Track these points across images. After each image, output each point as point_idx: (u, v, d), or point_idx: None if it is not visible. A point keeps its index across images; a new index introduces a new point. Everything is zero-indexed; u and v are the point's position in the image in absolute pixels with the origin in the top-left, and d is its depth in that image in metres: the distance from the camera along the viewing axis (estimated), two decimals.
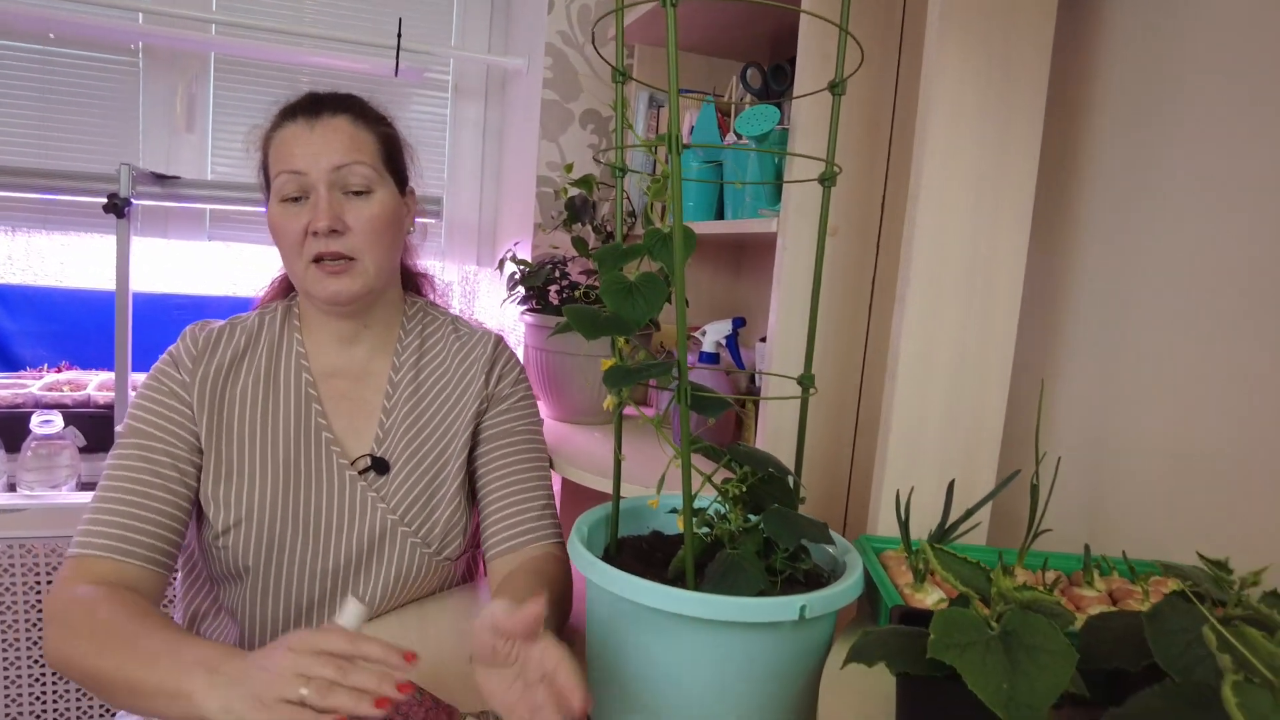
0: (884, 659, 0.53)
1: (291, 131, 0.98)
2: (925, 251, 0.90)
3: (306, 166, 0.96)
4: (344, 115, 0.99)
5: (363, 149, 0.99)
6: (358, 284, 0.98)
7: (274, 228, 0.99)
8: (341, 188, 0.97)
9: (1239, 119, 0.85)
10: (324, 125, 0.97)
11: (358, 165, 0.97)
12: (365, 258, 0.98)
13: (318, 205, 0.95)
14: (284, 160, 0.97)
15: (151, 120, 1.89)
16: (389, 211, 1.00)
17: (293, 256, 0.98)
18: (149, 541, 0.91)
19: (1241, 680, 0.39)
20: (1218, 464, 0.85)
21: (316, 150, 0.96)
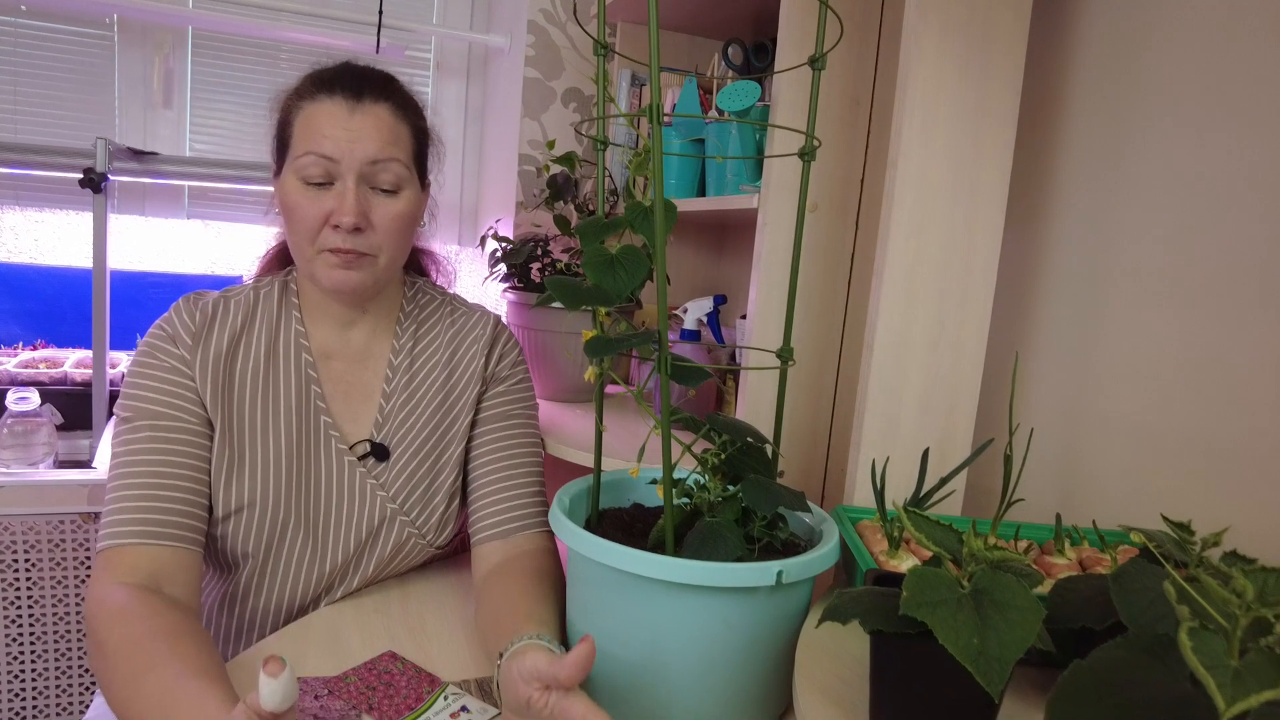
0: (857, 617, 0.55)
1: (327, 109, 0.90)
2: (903, 228, 0.91)
3: (339, 154, 0.89)
4: (386, 103, 0.93)
5: (399, 144, 0.93)
6: (367, 278, 0.94)
7: (287, 205, 0.92)
8: (370, 182, 0.92)
9: (1211, 102, 0.87)
10: (364, 111, 0.91)
11: (393, 163, 0.92)
12: (382, 255, 0.94)
13: (344, 198, 0.89)
14: (314, 139, 0.90)
15: (127, 95, 1.86)
16: (413, 211, 0.96)
17: (303, 240, 0.92)
18: (178, 520, 0.88)
19: (1197, 626, 0.41)
20: (1184, 437, 0.87)
21: (354, 138, 0.89)
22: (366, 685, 0.81)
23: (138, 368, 0.93)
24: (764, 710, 0.79)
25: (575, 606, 0.82)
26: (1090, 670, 0.46)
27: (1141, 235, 0.93)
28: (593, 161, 0.97)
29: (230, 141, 1.97)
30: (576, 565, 0.81)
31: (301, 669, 0.84)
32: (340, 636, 0.91)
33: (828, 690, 0.64)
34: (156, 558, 0.85)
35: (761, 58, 1.26)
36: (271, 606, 0.98)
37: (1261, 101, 0.82)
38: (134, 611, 0.79)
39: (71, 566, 1.52)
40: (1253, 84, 0.83)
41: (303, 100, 0.92)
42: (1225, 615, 0.41)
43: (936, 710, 0.55)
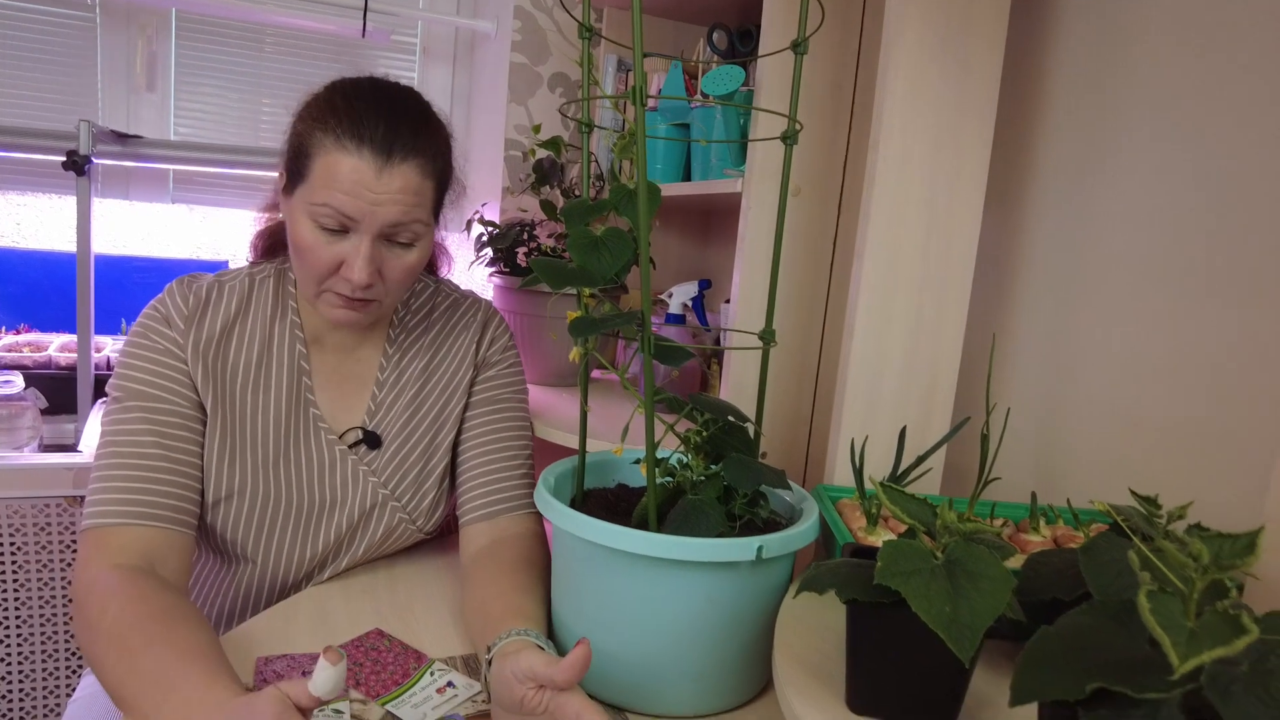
0: (834, 587, 0.56)
1: (352, 165, 0.84)
2: (883, 211, 0.92)
3: (360, 214, 0.85)
4: (415, 161, 0.87)
5: (422, 203, 0.89)
6: (370, 316, 0.94)
7: (298, 242, 0.88)
8: (386, 236, 0.89)
9: (1188, 92, 0.88)
10: (391, 173, 0.85)
11: (414, 224, 0.89)
12: (387, 300, 0.94)
13: (359, 254, 0.86)
14: (334, 195, 0.84)
15: (110, 78, 1.85)
16: (425, 258, 0.94)
17: (310, 277, 0.90)
18: (168, 502, 0.87)
19: (1155, 590, 0.42)
20: (1156, 417, 0.89)
21: (376, 201, 0.85)
22: (354, 661, 0.82)
23: (130, 348, 0.93)
24: (746, 683, 0.80)
25: (560, 584, 0.83)
26: (1057, 635, 0.48)
27: (1117, 220, 0.95)
28: (579, 146, 0.97)
29: (215, 125, 1.96)
30: (562, 543, 0.82)
31: (289, 647, 0.85)
32: (328, 616, 0.92)
33: (806, 662, 0.65)
34: (149, 539, 0.85)
35: (746, 43, 1.27)
36: (259, 586, 0.99)
37: (1239, 92, 0.83)
38: (128, 592, 0.78)
39: (57, 550, 1.52)
40: (1230, 75, 0.84)
41: (327, 137, 0.85)
42: (1183, 579, 0.42)
43: (910, 677, 0.57)
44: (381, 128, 0.85)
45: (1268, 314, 0.80)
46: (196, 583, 1.03)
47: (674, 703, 0.78)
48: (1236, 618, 0.39)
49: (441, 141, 0.94)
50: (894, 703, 0.58)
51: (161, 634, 0.74)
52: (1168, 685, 0.40)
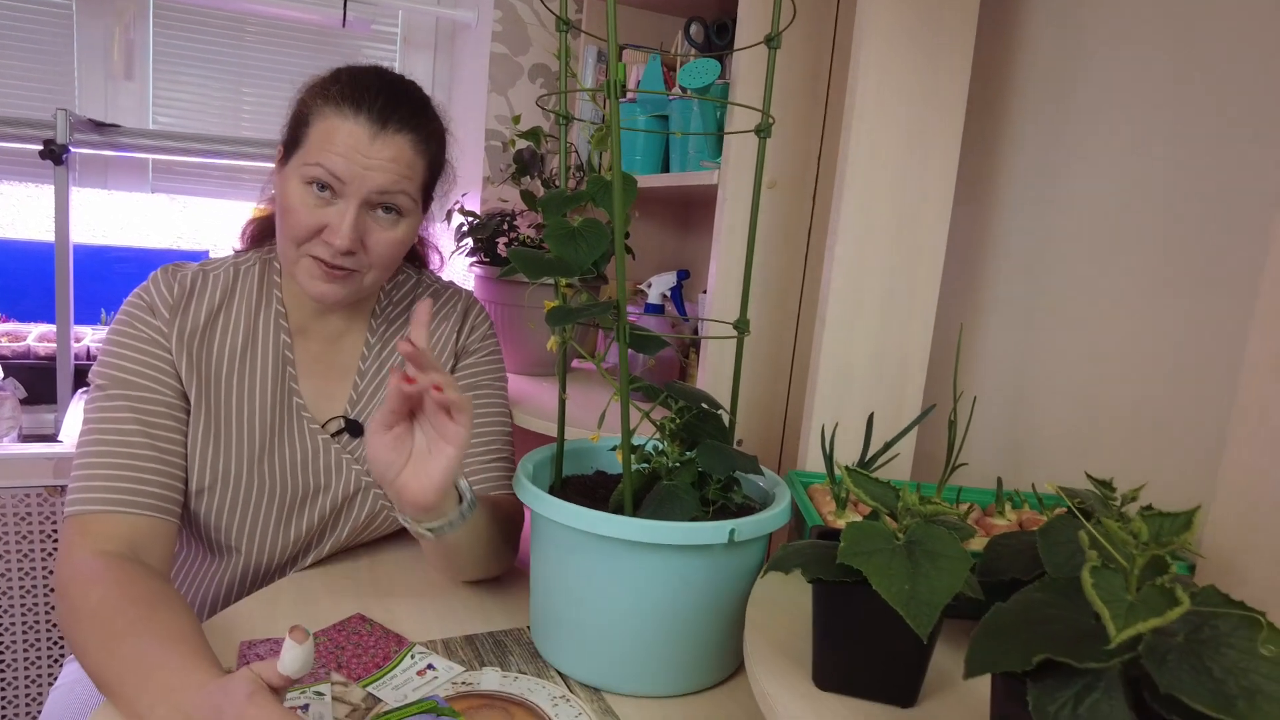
0: (800, 567, 0.58)
1: (348, 129, 0.87)
2: (855, 202, 0.94)
3: (350, 177, 0.88)
4: (409, 135, 0.90)
5: (413, 177, 0.92)
6: (349, 292, 0.94)
7: (285, 203, 0.90)
8: (372, 206, 0.91)
9: (1149, 87, 0.90)
10: (385, 140, 0.88)
11: (400, 195, 0.91)
12: (368, 274, 0.94)
13: (343, 219, 0.88)
14: (325, 153, 0.87)
15: (87, 66, 1.84)
16: (409, 238, 0.95)
17: (291, 240, 0.91)
18: (151, 490, 0.88)
19: (1099, 565, 0.44)
20: (1118, 404, 0.92)
21: (367, 165, 0.88)
22: (335, 645, 0.84)
23: (115, 336, 0.93)
24: (720, 663, 0.83)
25: (539, 569, 0.85)
26: (1009, 610, 0.50)
27: (1079, 215, 0.97)
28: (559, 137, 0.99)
29: (196, 115, 1.96)
30: (540, 529, 0.84)
31: (272, 631, 0.86)
32: (310, 601, 0.93)
33: (776, 640, 0.67)
34: (132, 526, 0.85)
35: (722, 36, 1.28)
36: (243, 573, 1.00)
37: (1195, 92, 0.86)
38: (111, 578, 0.79)
39: (38, 540, 1.52)
40: (1187, 75, 0.87)
41: (328, 104, 0.89)
42: (1125, 556, 0.45)
43: (873, 654, 0.59)
44: (381, 99, 0.89)
45: (1218, 304, 0.82)
46: (180, 571, 1.04)
47: (650, 683, 0.80)
48: (1171, 591, 0.42)
49: (436, 128, 0.96)
50: (859, 679, 0.60)
51: (143, 619, 0.74)
52: (1107, 655, 0.42)
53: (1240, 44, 0.82)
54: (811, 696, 0.60)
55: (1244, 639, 0.42)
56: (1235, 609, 0.43)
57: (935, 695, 0.62)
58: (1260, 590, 0.66)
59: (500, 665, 0.84)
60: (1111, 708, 0.42)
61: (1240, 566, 0.68)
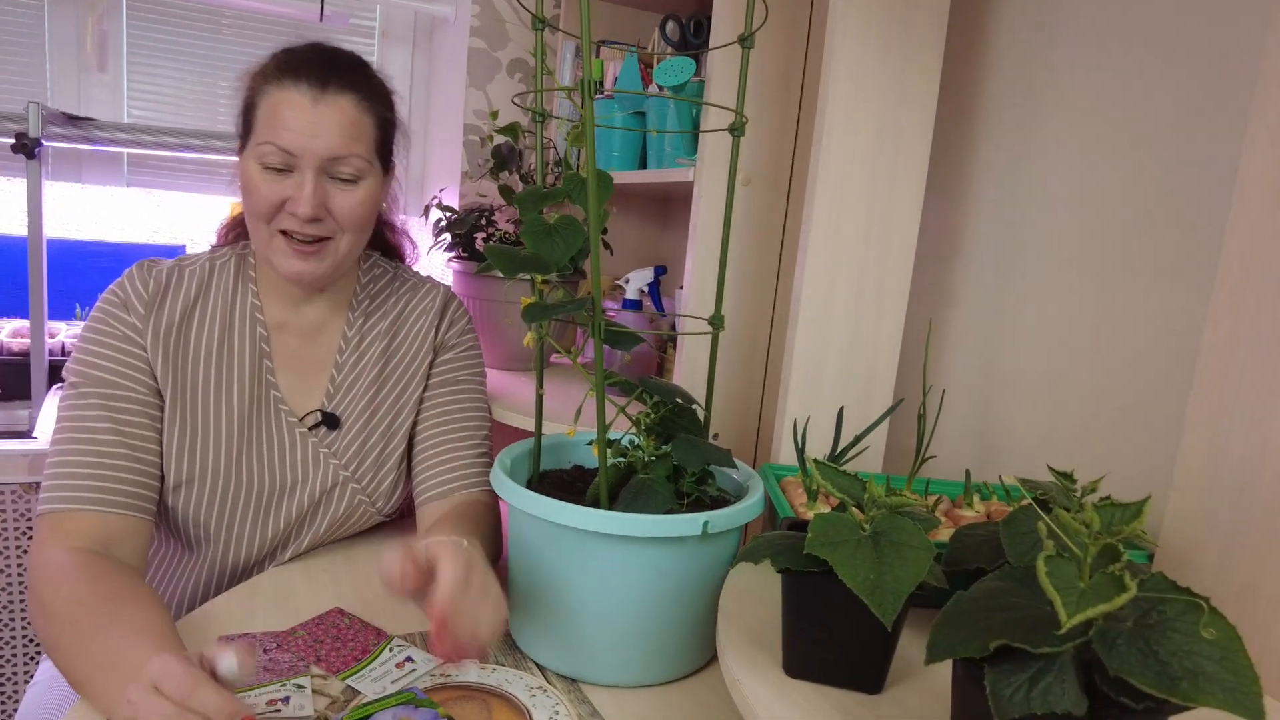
0: (769, 557, 0.60)
1: (290, 99, 0.89)
2: (827, 199, 0.96)
3: (299, 148, 0.88)
4: (350, 95, 0.91)
5: (361, 137, 0.92)
6: (325, 266, 0.94)
7: (246, 187, 0.92)
8: (329, 173, 0.91)
9: (1115, 85, 0.93)
10: (327, 104, 0.89)
11: (353, 157, 0.91)
12: (340, 241, 0.94)
13: (302, 189, 0.89)
14: (274, 130, 0.89)
15: (59, 58, 1.82)
16: (373, 199, 0.96)
17: (259, 222, 0.92)
18: (124, 488, 0.88)
19: (1053, 554, 0.46)
20: (1084, 396, 0.94)
21: (314, 132, 0.88)
22: (314, 639, 0.84)
23: (89, 333, 0.93)
24: (694, 653, 0.84)
25: (516, 563, 0.86)
26: (970, 598, 0.52)
27: (1049, 209, 0.99)
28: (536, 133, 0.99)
29: (171, 108, 1.94)
30: (517, 523, 0.85)
31: (250, 626, 0.87)
32: (288, 596, 0.94)
33: (748, 629, 0.69)
34: (105, 524, 0.86)
35: (698, 34, 1.29)
36: (220, 568, 1.00)
37: (1159, 89, 0.88)
38: (81, 574, 0.79)
39: (12, 537, 1.51)
40: (1151, 73, 0.89)
41: (268, 84, 0.91)
42: (1079, 545, 0.46)
43: (841, 642, 0.61)
44: (317, 66, 0.91)
45: (1179, 298, 0.85)
46: (158, 567, 1.04)
47: (626, 673, 0.81)
48: (1120, 578, 0.43)
49: (378, 86, 0.97)
50: (827, 667, 0.62)
51: (112, 615, 0.75)
52: (1060, 640, 0.43)
53: (1200, 47, 0.84)
54: (781, 684, 0.61)
55: (1188, 623, 0.43)
56: (1181, 595, 0.45)
57: (902, 682, 0.64)
58: (1213, 576, 0.68)
59: (478, 657, 0.85)
60: (1064, 690, 0.43)
61: (1195, 554, 0.70)
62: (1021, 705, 0.43)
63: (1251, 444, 0.67)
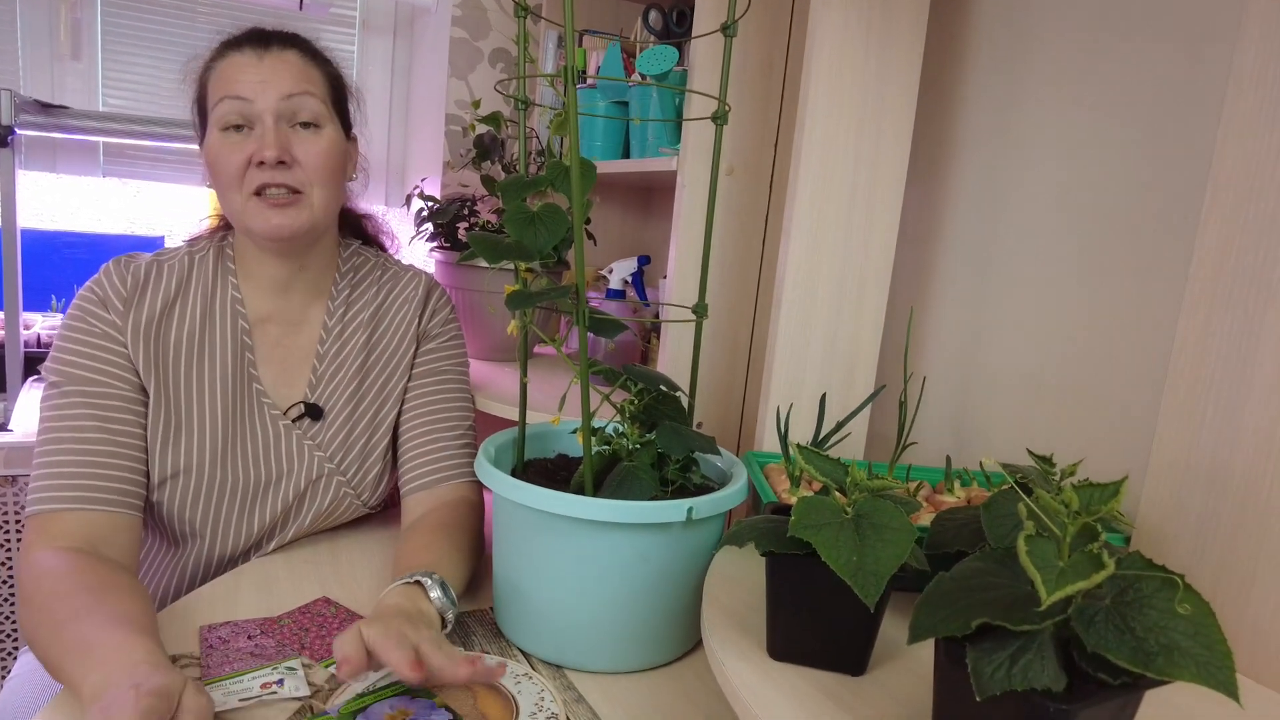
0: (753, 540, 0.60)
1: (237, 61, 0.92)
2: (809, 188, 0.96)
3: (253, 94, 0.91)
4: (293, 50, 0.95)
5: (313, 82, 0.95)
6: (303, 218, 0.93)
7: (212, 160, 0.93)
8: (290, 119, 0.93)
9: (1093, 75, 0.94)
10: (273, 57, 0.93)
11: (308, 96, 0.93)
12: (313, 192, 0.94)
13: (264, 136, 0.90)
14: (227, 87, 0.91)
15: (32, 46, 1.79)
16: (337, 149, 0.96)
17: (232, 190, 0.92)
18: (111, 485, 0.88)
19: (1033, 534, 0.47)
20: (1060, 384, 0.96)
21: (265, 78, 0.91)
22: (300, 627, 0.84)
23: (67, 332, 0.92)
24: (679, 639, 0.85)
25: (501, 551, 0.86)
26: (951, 579, 0.52)
27: (1029, 199, 1.00)
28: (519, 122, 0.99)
29: (147, 97, 1.92)
30: (502, 511, 0.85)
31: (234, 615, 0.86)
32: (273, 586, 0.93)
33: (732, 614, 0.70)
34: (92, 522, 0.85)
35: (681, 23, 1.29)
36: (205, 561, 1.00)
37: (1137, 83, 0.89)
38: (64, 570, 0.79)
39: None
40: (1130, 65, 0.90)
41: (214, 61, 0.94)
42: (1058, 525, 0.47)
43: (824, 624, 0.61)
44: (256, 33, 0.96)
45: (1155, 288, 0.86)
46: (143, 561, 1.04)
47: (612, 659, 0.82)
48: (1098, 556, 0.44)
49: (320, 52, 1.00)
50: (810, 649, 0.63)
51: (89, 605, 0.74)
52: (1039, 618, 0.44)
53: (1179, 40, 0.85)
54: (765, 666, 0.62)
55: (1164, 600, 0.44)
56: (1157, 572, 0.45)
57: (884, 664, 0.64)
58: (1187, 555, 0.70)
59: (463, 645, 0.85)
60: (1044, 666, 0.44)
61: (1170, 538, 0.72)
62: (1002, 682, 0.44)
63: (1224, 432, 0.68)
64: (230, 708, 0.70)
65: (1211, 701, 0.61)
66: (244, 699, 0.71)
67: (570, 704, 0.76)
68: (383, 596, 0.80)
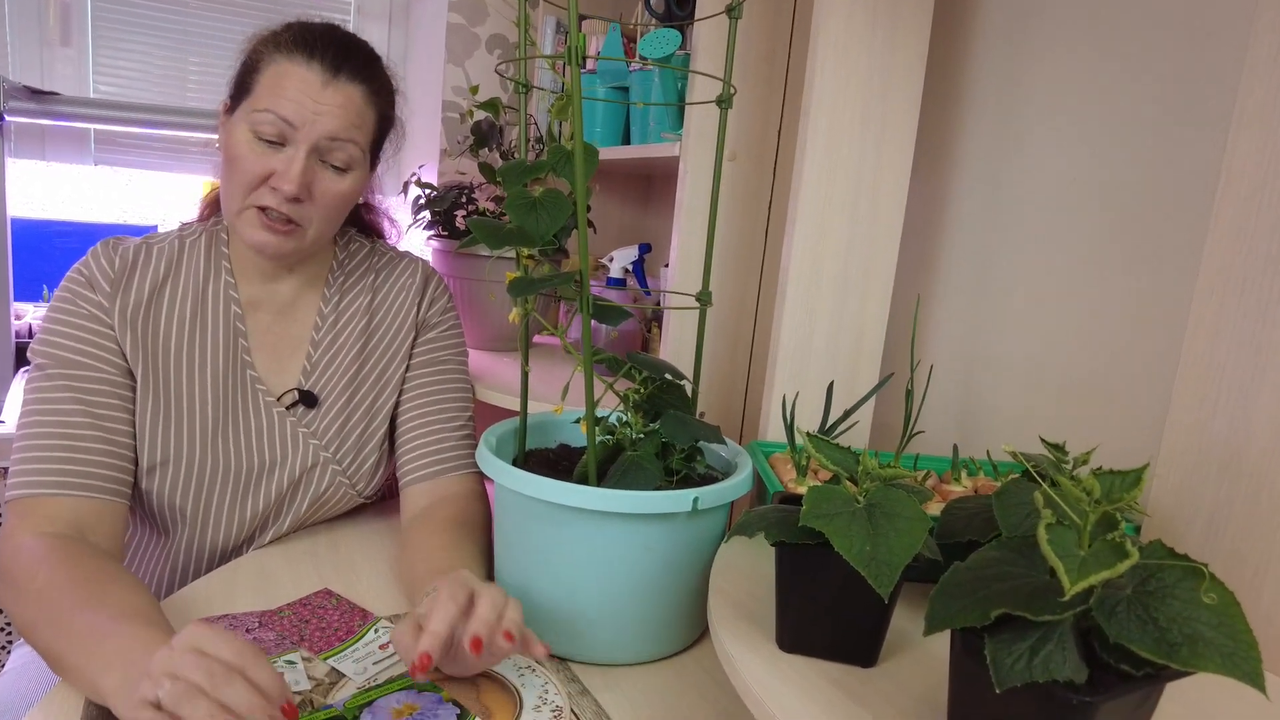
0: (763, 530, 0.59)
1: (301, 74, 0.87)
2: (815, 175, 0.95)
3: (301, 121, 0.87)
4: (361, 85, 0.91)
5: (363, 128, 0.92)
6: (290, 246, 0.92)
7: (232, 153, 0.89)
8: (321, 156, 0.90)
9: (1099, 70, 0.92)
10: (337, 88, 0.88)
11: (350, 144, 0.90)
12: (312, 228, 0.93)
13: (291, 166, 0.87)
14: (277, 99, 0.87)
15: (20, 32, 1.77)
16: (356, 192, 0.95)
17: (238, 190, 0.90)
18: (96, 471, 0.86)
19: (1054, 523, 0.46)
20: (1066, 373, 0.95)
21: (318, 110, 0.87)
22: (300, 619, 0.83)
23: (54, 313, 0.90)
24: (685, 630, 0.84)
25: (503, 542, 0.85)
26: (967, 568, 0.51)
27: (1036, 185, 0.99)
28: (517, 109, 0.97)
29: (138, 84, 1.89)
30: (504, 501, 0.84)
31: (231, 609, 0.85)
32: (270, 578, 0.92)
33: (740, 605, 0.69)
34: (76, 508, 0.84)
35: (683, 6, 1.27)
36: (199, 552, 0.98)
37: (1141, 78, 0.88)
38: (56, 559, 0.77)
39: None
40: (1134, 61, 0.88)
41: (279, 52, 0.89)
42: (1078, 513, 0.46)
43: (835, 615, 0.61)
44: (333, 50, 0.89)
45: (1160, 279, 0.85)
46: (133, 551, 1.02)
47: (616, 651, 0.81)
48: (1121, 545, 0.43)
49: (387, 83, 0.96)
50: (820, 640, 0.62)
51: (95, 595, 0.73)
52: (1060, 608, 0.43)
53: (1186, 31, 0.84)
54: (774, 658, 0.61)
55: (1187, 589, 0.43)
56: (1180, 561, 0.44)
57: (894, 656, 0.63)
58: (1199, 544, 0.69)
59: None
60: (1065, 658, 0.43)
61: (1182, 526, 0.71)
62: (1023, 674, 0.43)
63: (1236, 419, 0.67)
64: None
65: (1230, 694, 0.60)
66: None
67: (574, 696, 0.76)
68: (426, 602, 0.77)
